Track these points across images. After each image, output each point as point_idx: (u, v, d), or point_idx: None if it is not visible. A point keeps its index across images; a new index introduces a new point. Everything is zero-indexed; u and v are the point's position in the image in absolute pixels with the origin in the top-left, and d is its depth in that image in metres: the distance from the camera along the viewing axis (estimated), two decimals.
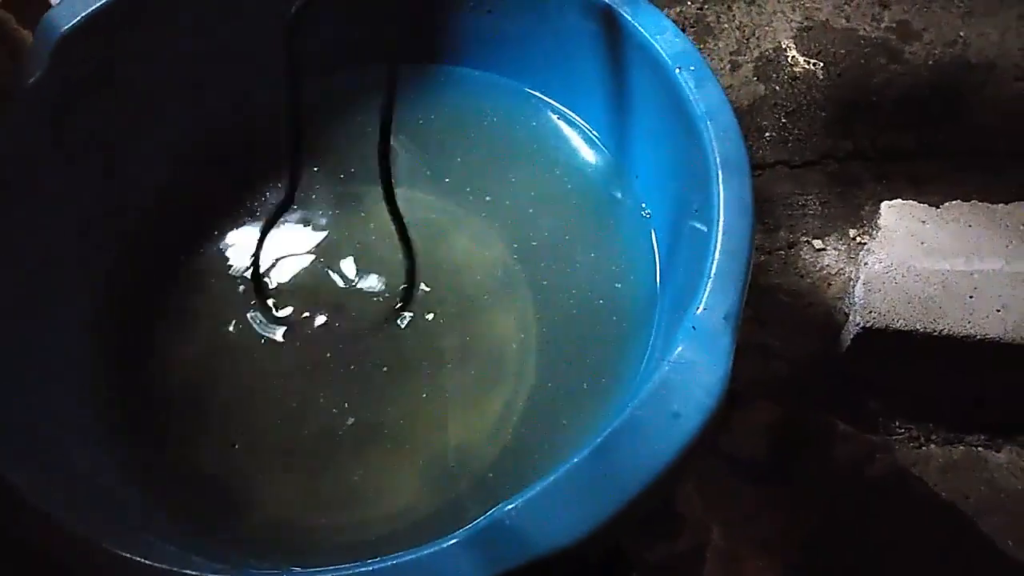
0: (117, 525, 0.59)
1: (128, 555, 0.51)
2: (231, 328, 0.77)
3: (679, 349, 0.56)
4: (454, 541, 0.49)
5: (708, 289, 0.58)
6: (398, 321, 0.76)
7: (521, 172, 0.86)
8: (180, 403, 0.73)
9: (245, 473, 0.69)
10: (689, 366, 0.55)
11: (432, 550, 0.50)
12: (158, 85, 0.83)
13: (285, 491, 0.69)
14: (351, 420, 0.71)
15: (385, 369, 0.74)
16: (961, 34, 1.17)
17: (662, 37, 0.74)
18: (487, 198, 0.84)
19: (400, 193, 0.71)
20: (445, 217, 0.83)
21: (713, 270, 0.59)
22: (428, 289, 0.78)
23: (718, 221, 0.62)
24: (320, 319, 0.77)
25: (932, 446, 0.86)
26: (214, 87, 0.87)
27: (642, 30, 0.75)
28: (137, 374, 0.74)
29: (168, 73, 0.84)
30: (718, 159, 0.66)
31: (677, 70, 0.72)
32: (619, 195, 0.84)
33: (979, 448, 0.86)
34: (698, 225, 0.66)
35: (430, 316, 0.76)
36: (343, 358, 0.74)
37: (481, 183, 0.86)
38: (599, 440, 0.52)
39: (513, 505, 0.50)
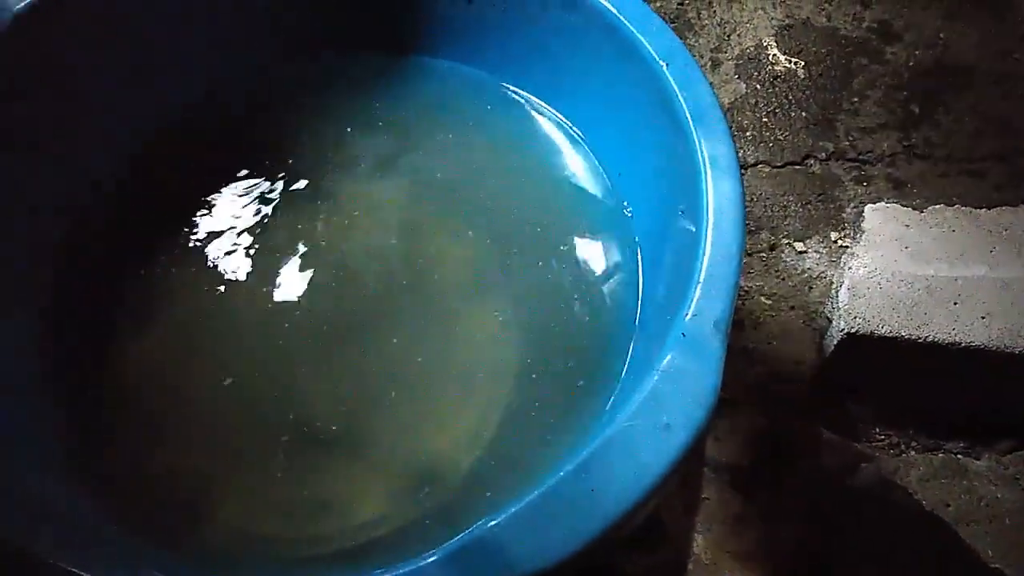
0: (65, 539, 0.56)
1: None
2: (190, 325, 0.73)
3: (668, 357, 0.53)
4: (433, 559, 0.47)
5: (698, 294, 0.56)
6: (373, 319, 0.73)
7: (497, 168, 0.84)
8: (135, 406, 0.70)
9: (204, 480, 0.66)
10: (679, 375, 0.53)
11: (409, 568, 0.47)
12: (112, 69, 0.79)
13: (247, 501, 0.65)
14: (319, 425, 0.68)
15: (355, 372, 0.71)
16: (941, 35, 1.16)
17: (649, 32, 0.72)
18: (462, 196, 0.82)
19: (370, 190, 0.68)
20: (418, 215, 0.81)
21: (703, 275, 0.57)
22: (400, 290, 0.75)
23: (707, 223, 0.60)
24: (286, 319, 0.73)
25: (913, 453, 0.85)
26: (172, 72, 0.83)
27: (628, 24, 0.73)
28: (90, 375, 0.71)
29: (124, 56, 0.80)
30: (706, 159, 0.64)
31: (664, 66, 0.70)
32: (600, 193, 0.82)
33: (959, 456, 0.85)
34: (686, 226, 0.63)
35: (404, 317, 0.73)
36: (312, 361, 0.71)
37: (455, 180, 0.83)
38: (586, 453, 0.50)
39: (496, 521, 0.47)
